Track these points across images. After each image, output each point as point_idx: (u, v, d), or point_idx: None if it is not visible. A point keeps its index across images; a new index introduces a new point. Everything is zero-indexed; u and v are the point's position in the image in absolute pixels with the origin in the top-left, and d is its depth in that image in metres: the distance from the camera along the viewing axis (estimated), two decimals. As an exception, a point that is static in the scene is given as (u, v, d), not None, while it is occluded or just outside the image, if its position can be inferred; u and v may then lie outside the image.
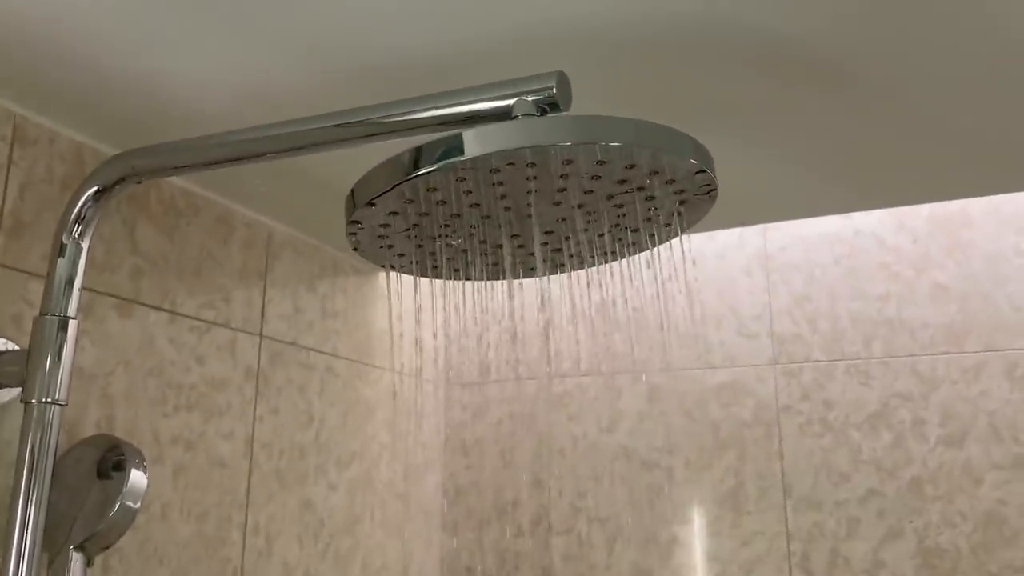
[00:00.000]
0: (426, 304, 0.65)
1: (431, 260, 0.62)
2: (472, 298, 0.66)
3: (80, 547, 0.67)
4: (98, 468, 0.70)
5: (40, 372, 0.63)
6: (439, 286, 0.66)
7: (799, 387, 1.11)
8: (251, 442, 0.94)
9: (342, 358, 1.09)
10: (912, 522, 1.03)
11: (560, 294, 0.67)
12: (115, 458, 0.70)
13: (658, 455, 1.15)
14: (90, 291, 0.78)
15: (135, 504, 0.69)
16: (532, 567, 1.18)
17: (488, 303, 0.67)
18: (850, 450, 1.07)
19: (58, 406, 0.63)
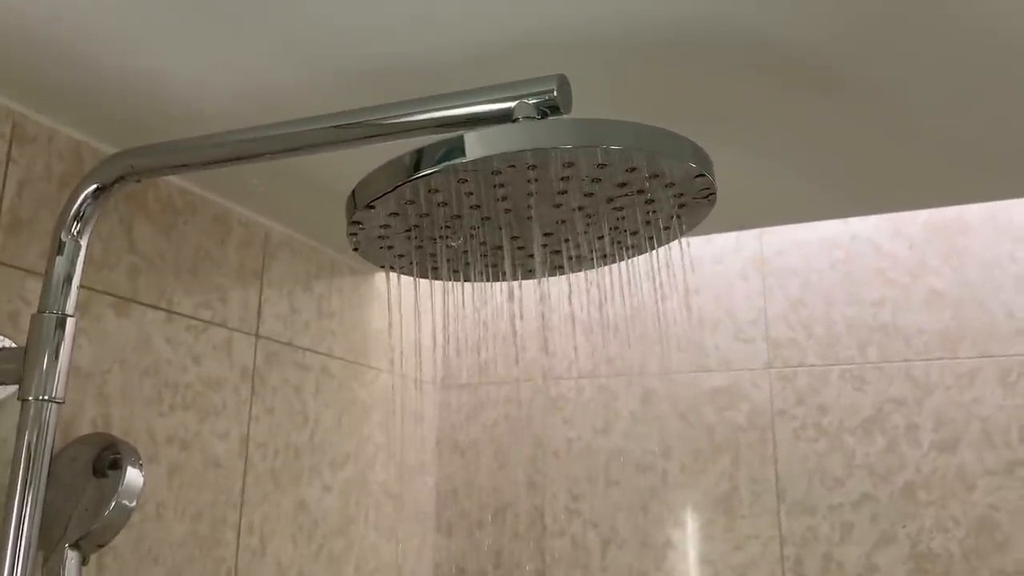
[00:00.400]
0: (422, 306, 0.65)
1: (431, 261, 0.62)
2: (469, 300, 0.66)
3: (75, 545, 0.67)
4: (94, 466, 0.70)
5: (37, 369, 0.62)
6: (435, 288, 0.66)
7: (794, 391, 1.11)
8: (246, 442, 0.94)
9: (337, 359, 1.09)
10: (905, 527, 1.03)
11: (557, 297, 0.67)
12: (111, 456, 0.70)
13: (652, 458, 1.15)
14: (87, 289, 0.78)
15: (131, 503, 0.68)
16: (526, 569, 1.18)
17: (484, 305, 0.67)
18: (844, 455, 1.07)
19: (55, 404, 0.62)
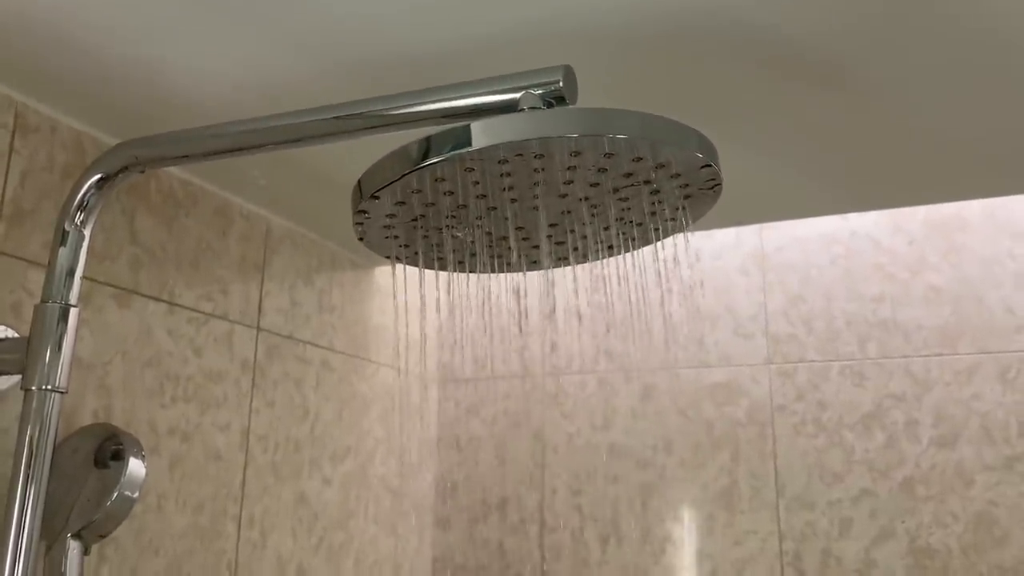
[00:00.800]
0: (424, 300, 0.65)
1: (436, 252, 0.62)
2: (469, 294, 0.66)
3: (77, 535, 0.67)
4: (96, 457, 0.70)
5: (40, 360, 0.62)
6: (437, 282, 0.66)
7: (793, 387, 1.11)
8: (247, 434, 0.94)
9: (338, 352, 1.09)
10: (904, 522, 1.03)
11: (557, 292, 0.67)
12: (113, 447, 0.70)
13: (652, 453, 1.15)
14: (89, 280, 0.78)
15: (133, 494, 0.68)
16: (525, 564, 1.18)
17: (485, 300, 0.67)
18: (843, 450, 1.07)
19: (58, 394, 0.62)
